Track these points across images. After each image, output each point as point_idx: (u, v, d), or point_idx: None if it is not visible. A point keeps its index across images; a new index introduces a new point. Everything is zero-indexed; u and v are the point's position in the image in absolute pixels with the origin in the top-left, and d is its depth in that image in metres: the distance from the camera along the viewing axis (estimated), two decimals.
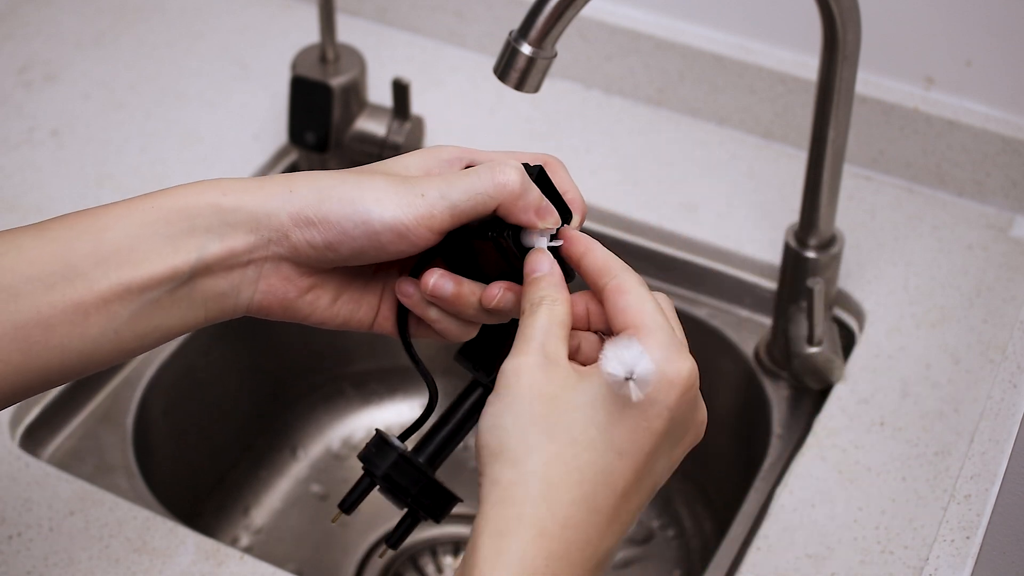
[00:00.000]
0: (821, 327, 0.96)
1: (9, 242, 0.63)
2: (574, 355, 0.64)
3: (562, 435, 0.60)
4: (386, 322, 0.70)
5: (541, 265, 0.65)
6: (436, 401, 0.71)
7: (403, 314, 0.70)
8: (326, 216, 0.64)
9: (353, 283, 0.69)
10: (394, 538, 0.71)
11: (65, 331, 0.63)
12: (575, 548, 0.59)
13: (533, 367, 0.61)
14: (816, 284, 0.95)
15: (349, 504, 0.71)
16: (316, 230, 0.64)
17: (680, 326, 0.65)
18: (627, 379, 0.60)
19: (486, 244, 0.67)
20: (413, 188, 0.64)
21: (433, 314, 0.68)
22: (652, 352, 0.61)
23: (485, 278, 0.68)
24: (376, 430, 0.70)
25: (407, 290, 0.68)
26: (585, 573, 0.59)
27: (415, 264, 0.69)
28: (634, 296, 0.63)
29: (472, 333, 0.70)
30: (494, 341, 0.70)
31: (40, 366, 0.63)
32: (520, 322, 0.64)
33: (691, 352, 0.66)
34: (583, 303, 0.66)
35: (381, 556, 0.72)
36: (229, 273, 0.65)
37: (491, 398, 0.62)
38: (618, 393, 0.60)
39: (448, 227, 0.64)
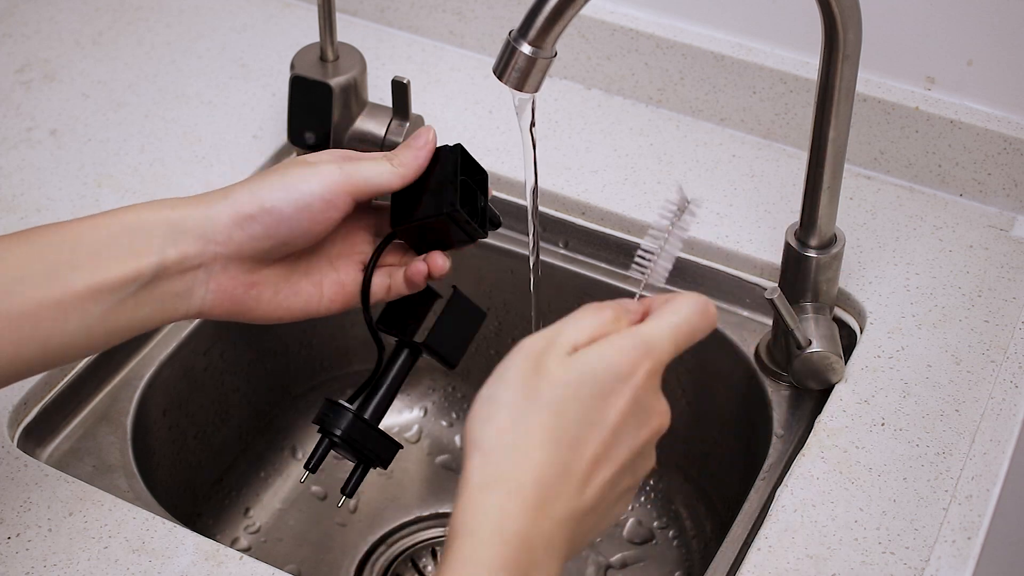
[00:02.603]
0: (800, 330, 0.96)
1: (4, 248, 0.74)
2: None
3: (542, 401, 0.65)
4: (334, 303, 0.83)
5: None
6: (382, 359, 0.86)
7: (366, 288, 0.83)
8: (262, 204, 0.77)
9: (290, 277, 0.81)
10: (350, 487, 0.86)
11: (48, 326, 0.74)
12: (547, 503, 0.64)
13: (537, 340, 0.67)
14: (774, 294, 0.95)
15: (313, 464, 0.86)
16: (256, 223, 0.77)
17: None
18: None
19: (439, 222, 0.81)
20: (327, 166, 0.78)
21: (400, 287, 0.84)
22: (664, 317, 0.68)
23: (428, 247, 0.84)
24: (325, 398, 0.86)
25: (420, 268, 0.82)
26: (558, 526, 0.64)
27: (375, 252, 0.84)
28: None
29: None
30: (406, 308, 0.85)
31: (27, 357, 0.74)
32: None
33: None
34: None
35: (340, 506, 0.87)
36: (183, 276, 0.77)
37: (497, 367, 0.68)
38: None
39: (357, 190, 0.78)
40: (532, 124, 0.85)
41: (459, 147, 0.84)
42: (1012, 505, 1.17)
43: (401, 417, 1.23)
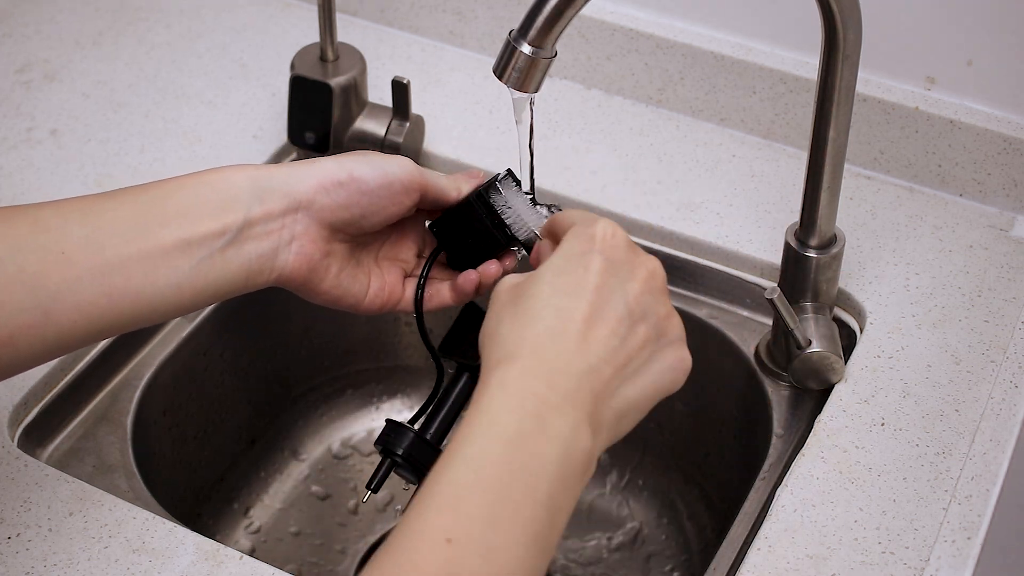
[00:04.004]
0: (800, 330, 0.96)
1: (95, 206, 0.76)
2: None
3: (524, 298, 0.72)
4: (374, 303, 0.85)
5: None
6: (443, 381, 0.86)
7: (419, 304, 0.86)
8: (351, 172, 0.80)
9: (351, 259, 0.84)
10: (375, 482, 0.85)
11: (139, 279, 0.75)
12: (547, 364, 0.68)
13: (511, 277, 0.75)
14: (774, 294, 0.95)
15: (375, 484, 0.84)
16: (342, 189, 0.80)
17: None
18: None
19: (470, 211, 0.84)
20: (406, 158, 0.82)
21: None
22: (569, 215, 0.77)
23: (475, 258, 0.86)
24: (387, 420, 0.84)
25: (472, 277, 0.85)
26: (567, 380, 0.68)
27: (427, 263, 0.86)
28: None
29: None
30: (464, 332, 0.85)
31: (121, 309, 0.76)
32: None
33: (691, 352, 0.74)
34: None
35: (364, 501, 0.86)
36: (269, 235, 0.79)
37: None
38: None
39: (426, 186, 0.83)
40: (531, 127, 0.85)
41: (509, 171, 0.86)
42: (1012, 505, 1.18)
43: (401, 417, 1.24)
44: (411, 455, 0.83)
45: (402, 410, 1.24)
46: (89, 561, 0.87)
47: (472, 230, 0.85)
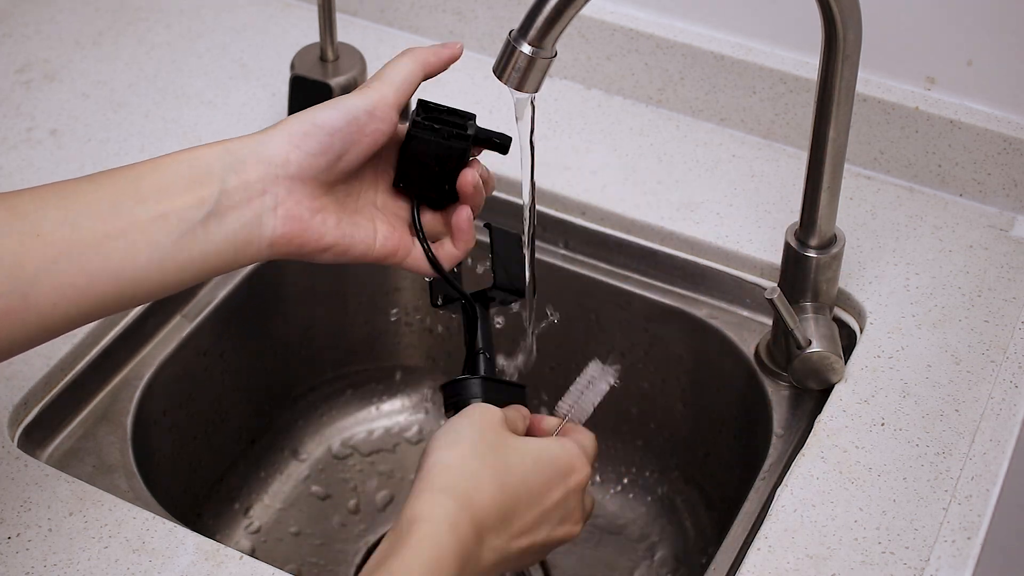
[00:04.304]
0: (800, 330, 0.96)
1: (71, 189, 0.76)
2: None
3: (502, 455, 0.80)
4: (386, 245, 0.84)
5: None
6: (475, 313, 0.90)
7: (428, 251, 0.86)
8: (313, 120, 0.79)
9: (347, 208, 0.83)
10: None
11: (119, 257, 0.75)
12: (486, 533, 0.77)
13: (496, 413, 0.82)
14: (774, 294, 0.95)
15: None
16: (310, 139, 0.79)
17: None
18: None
19: (417, 142, 0.84)
20: (367, 87, 0.82)
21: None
22: (584, 433, 0.87)
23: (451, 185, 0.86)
24: (440, 385, 0.88)
25: (463, 214, 0.86)
26: (489, 552, 0.78)
27: (396, 175, 0.86)
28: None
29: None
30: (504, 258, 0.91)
31: (100, 291, 0.75)
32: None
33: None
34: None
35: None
36: (250, 203, 0.78)
37: (458, 415, 0.82)
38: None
39: (399, 101, 0.82)
40: (532, 125, 0.85)
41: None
42: (1012, 505, 1.18)
43: (401, 417, 1.24)
44: (487, 398, 0.86)
45: (402, 410, 1.24)
46: (89, 561, 0.87)
47: (430, 157, 0.84)
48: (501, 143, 0.85)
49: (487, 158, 1.15)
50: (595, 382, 0.89)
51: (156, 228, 0.76)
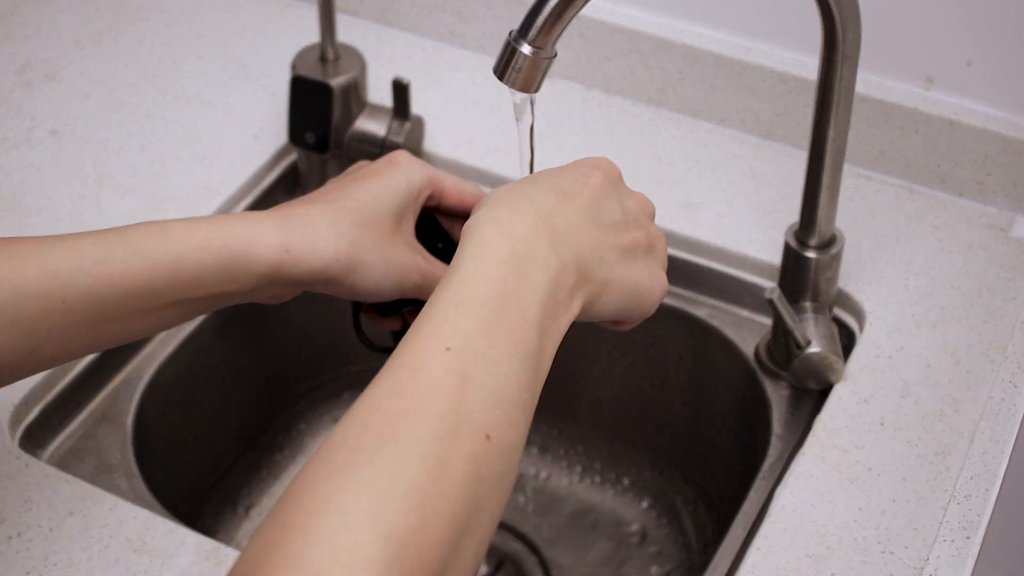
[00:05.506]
0: (799, 329, 0.96)
1: (107, 255, 0.75)
2: None
3: (520, 184, 0.73)
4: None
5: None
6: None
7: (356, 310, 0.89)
8: (345, 282, 0.80)
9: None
10: None
11: (126, 326, 0.77)
12: (545, 208, 0.70)
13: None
14: (774, 294, 0.95)
15: None
16: (336, 287, 0.80)
17: None
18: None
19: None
20: (404, 264, 0.82)
21: None
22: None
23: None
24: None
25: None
26: (562, 223, 0.70)
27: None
28: None
29: None
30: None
31: (97, 346, 0.77)
32: None
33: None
34: None
35: None
36: (262, 294, 0.80)
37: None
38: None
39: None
40: (532, 125, 0.85)
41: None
42: (1011, 505, 1.18)
43: None
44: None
45: None
46: (89, 561, 0.87)
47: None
48: None
49: (487, 158, 1.16)
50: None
51: (173, 309, 0.78)
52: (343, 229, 0.79)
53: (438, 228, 0.88)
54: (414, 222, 0.85)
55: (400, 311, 0.89)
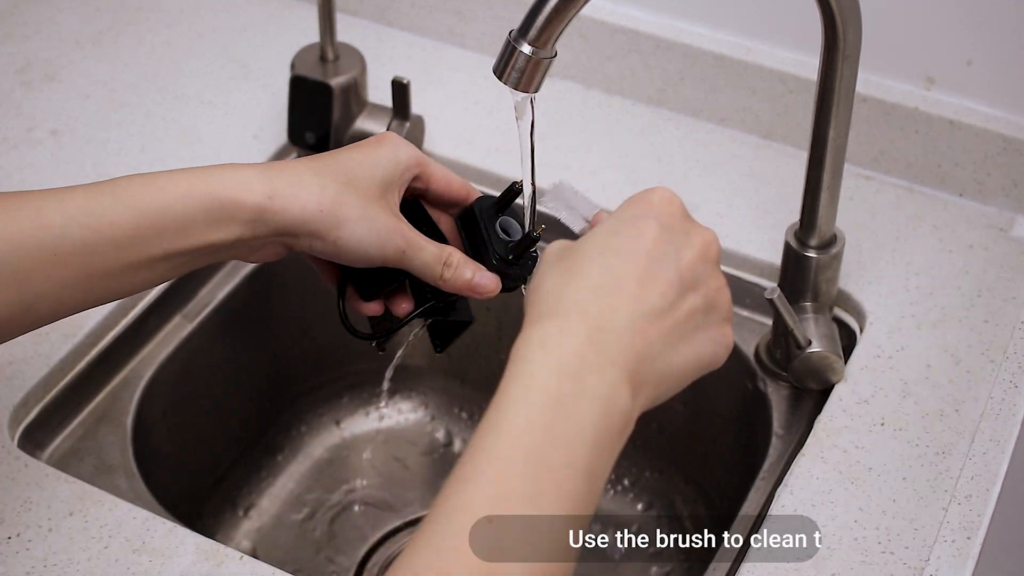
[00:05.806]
0: (799, 329, 0.96)
1: (97, 206, 0.77)
2: None
3: (573, 255, 0.69)
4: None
5: None
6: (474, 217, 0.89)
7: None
8: (328, 236, 0.81)
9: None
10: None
11: (118, 281, 0.78)
12: (591, 320, 0.66)
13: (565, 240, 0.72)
14: (774, 294, 0.95)
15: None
16: (320, 242, 0.81)
17: None
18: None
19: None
20: (388, 226, 0.82)
21: None
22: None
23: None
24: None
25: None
26: (609, 337, 0.66)
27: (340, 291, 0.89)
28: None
29: None
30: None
31: (91, 301, 0.79)
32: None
33: (690, 352, 0.71)
34: None
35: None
36: (258, 251, 0.82)
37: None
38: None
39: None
40: (532, 125, 0.85)
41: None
42: (1012, 505, 1.17)
43: (401, 417, 1.23)
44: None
45: (402, 410, 1.24)
46: (89, 561, 0.87)
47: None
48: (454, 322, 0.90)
49: (487, 158, 1.16)
50: (560, 199, 0.83)
51: (163, 261, 0.79)
52: (327, 183, 0.80)
53: (423, 214, 0.88)
54: (399, 198, 0.85)
55: (380, 294, 0.89)
